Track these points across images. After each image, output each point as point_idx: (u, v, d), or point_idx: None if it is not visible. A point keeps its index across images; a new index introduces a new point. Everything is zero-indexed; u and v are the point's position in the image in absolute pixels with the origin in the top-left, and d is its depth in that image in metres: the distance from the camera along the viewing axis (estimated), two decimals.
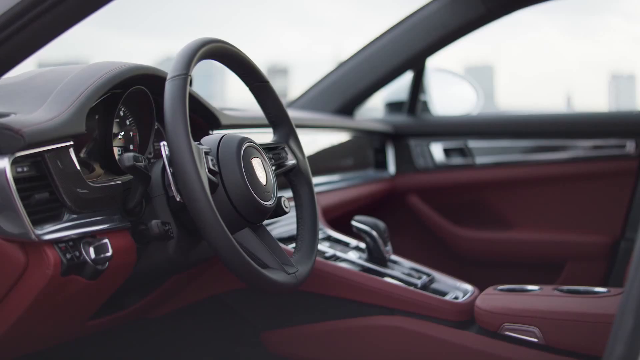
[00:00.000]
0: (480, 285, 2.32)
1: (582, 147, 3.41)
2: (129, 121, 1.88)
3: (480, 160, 3.55)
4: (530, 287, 2.16)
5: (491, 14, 3.28)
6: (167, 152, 1.55)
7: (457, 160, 3.57)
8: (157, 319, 2.23)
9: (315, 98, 3.59)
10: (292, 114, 3.03)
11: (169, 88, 1.55)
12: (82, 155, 1.72)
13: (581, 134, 3.43)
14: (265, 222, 1.89)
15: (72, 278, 1.52)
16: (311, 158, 2.70)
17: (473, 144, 3.57)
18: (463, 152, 3.57)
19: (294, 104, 3.65)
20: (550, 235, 3.39)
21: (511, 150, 3.52)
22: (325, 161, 3.08)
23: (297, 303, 2.24)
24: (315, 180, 2.69)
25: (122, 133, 1.86)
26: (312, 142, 2.94)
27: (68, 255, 1.49)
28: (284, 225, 2.34)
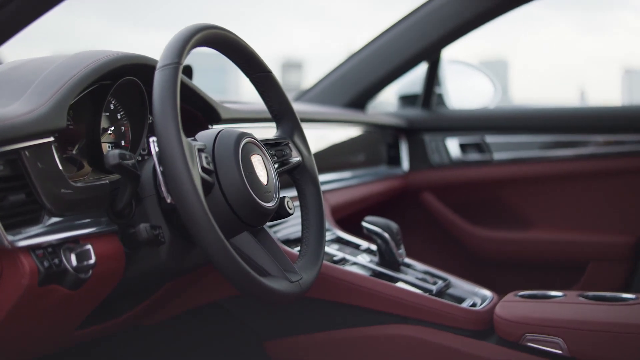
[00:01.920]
0: (498, 287, 2.24)
1: (604, 143, 3.31)
2: (121, 115, 1.76)
3: (498, 156, 3.44)
4: (553, 292, 2.05)
5: (508, 3, 3.19)
6: (156, 149, 1.42)
7: (474, 156, 3.47)
8: (153, 326, 2.12)
9: (325, 91, 3.51)
10: (301, 107, 2.95)
11: (158, 78, 1.42)
12: (74, 152, 1.61)
13: (604, 129, 3.34)
14: (270, 223, 1.79)
15: (51, 288, 1.39)
16: (320, 154, 2.68)
17: (491, 139, 3.47)
18: (480, 147, 3.47)
19: (303, 97, 3.57)
20: (571, 235, 3.30)
21: (531, 146, 3.42)
22: (335, 157, 2.99)
23: (303, 310, 2.14)
24: (325, 177, 2.66)
25: (113, 128, 1.74)
26: (322, 137, 2.85)
27: (46, 263, 1.36)
28: (292, 226, 2.23)
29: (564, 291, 2.06)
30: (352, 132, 3.16)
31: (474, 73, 3.77)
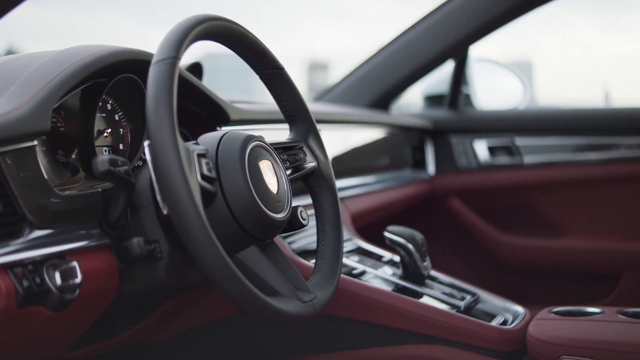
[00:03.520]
0: (528, 299, 2.18)
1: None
2: (119, 116, 1.63)
3: (528, 159, 3.33)
4: (590, 309, 1.92)
5: None
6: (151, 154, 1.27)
7: (503, 159, 3.35)
8: (159, 344, 1.99)
9: (347, 90, 3.43)
10: (321, 107, 2.83)
11: (152, 74, 1.28)
12: (71, 156, 1.49)
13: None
14: (284, 234, 1.67)
15: (32, 309, 1.25)
16: (341, 157, 2.58)
17: (521, 141, 3.35)
18: (510, 150, 3.35)
19: (324, 96, 3.49)
20: (605, 243, 3.18)
21: (563, 149, 3.32)
22: (357, 161, 2.88)
23: (320, 329, 2.00)
24: (346, 182, 2.56)
25: (110, 130, 1.61)
26: (343, 139, 2.74)
27: (25, 283, 1.22)
28: (310, 236, 2.09)
29: (601, 307, 1.94)
30: (374, 134, 3.06)
31: (503, 72, 3.67)
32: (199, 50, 1.37)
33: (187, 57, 2.00)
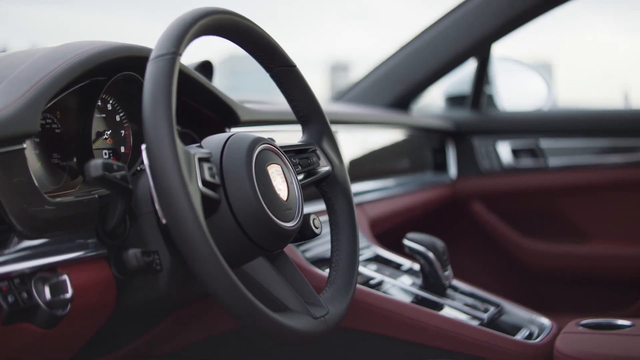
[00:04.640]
0: (554, 307, 2.11)
1: None
2: (120, 117, 1.55)
3: (553, 162, 3.26)
4: (620, 321, 1.82)
5: None
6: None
7: (527, 162, 3.28)
8: (163, 357, 1.89)
9: (366, 90, 3.36)
10: (340, 107, 2.76)
11: (150, 71, 1.19)
12: (69, 159, 1.42)
13: None
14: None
15: (19, 327, 1.17)
16: (359, 160, 2.51)
17: (545, 143, 3.28)
18: (534, 152, 3.28)
19: (343, 97, 3.41)
20: (632, 249, 3.10)
21: (589, 151, 3.24)
22: (376, 163, 2.79)
23: (334, 342, 1.92)
24: (364, 186, 2.49)
25: (110, 132, 1.52)
26: (362, 140, 2.66)
27: (10, 299, 1.14)
28: (325, 243, 2.00)
29: (631, 319, 1.84)
30: (394, 135, 2.99)
31: (527, 72, 3.59)
32: (223, 52, 1.28)
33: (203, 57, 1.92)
